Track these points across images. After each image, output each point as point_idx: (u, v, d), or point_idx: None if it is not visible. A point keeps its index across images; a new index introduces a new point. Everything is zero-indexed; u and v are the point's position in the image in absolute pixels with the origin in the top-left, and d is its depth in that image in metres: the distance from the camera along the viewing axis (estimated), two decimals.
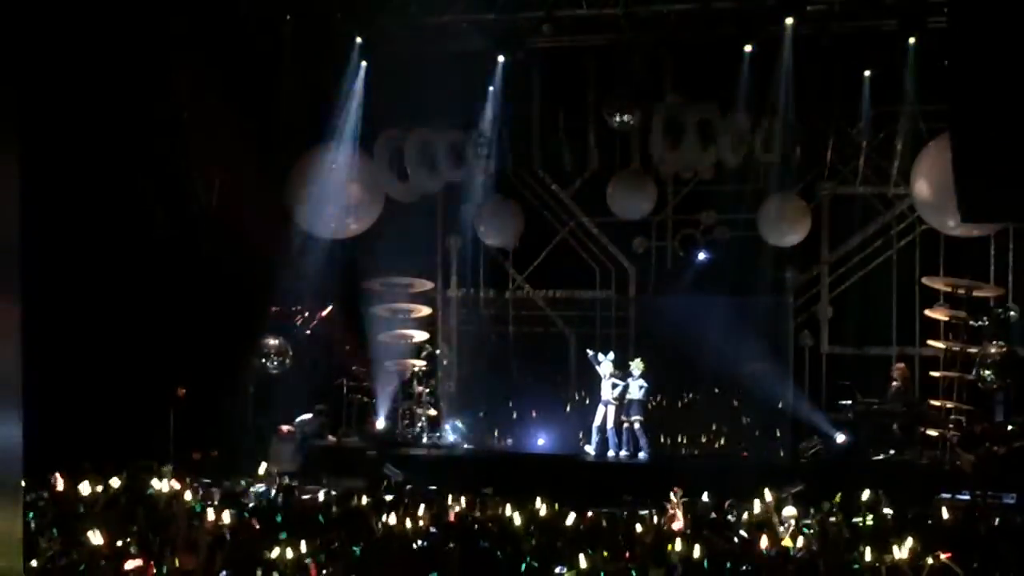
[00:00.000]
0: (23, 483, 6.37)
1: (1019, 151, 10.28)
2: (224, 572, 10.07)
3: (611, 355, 19.65)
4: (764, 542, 11.65)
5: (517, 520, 12.97)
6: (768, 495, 14.29)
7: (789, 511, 13.69)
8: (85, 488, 13.95)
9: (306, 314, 21.33)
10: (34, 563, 9.96)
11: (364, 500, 14.71)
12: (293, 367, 20.90)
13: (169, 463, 16.71)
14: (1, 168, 6.18)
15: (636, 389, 19.35)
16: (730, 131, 19.43)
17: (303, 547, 10.84)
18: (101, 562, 10.21)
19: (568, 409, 20.74)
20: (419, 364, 21.61)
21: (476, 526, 12.85)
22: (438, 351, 22.37)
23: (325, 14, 20.06)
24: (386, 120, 20.59)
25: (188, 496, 14.51)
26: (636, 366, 19.44)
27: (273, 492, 15.54)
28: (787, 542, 11.91)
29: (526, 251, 22.35)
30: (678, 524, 13.16)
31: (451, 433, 21.18)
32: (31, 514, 11.80)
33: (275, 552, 10.64)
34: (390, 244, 20.98)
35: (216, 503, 14.14)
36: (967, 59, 10.60)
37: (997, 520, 14.02)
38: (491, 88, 20.43)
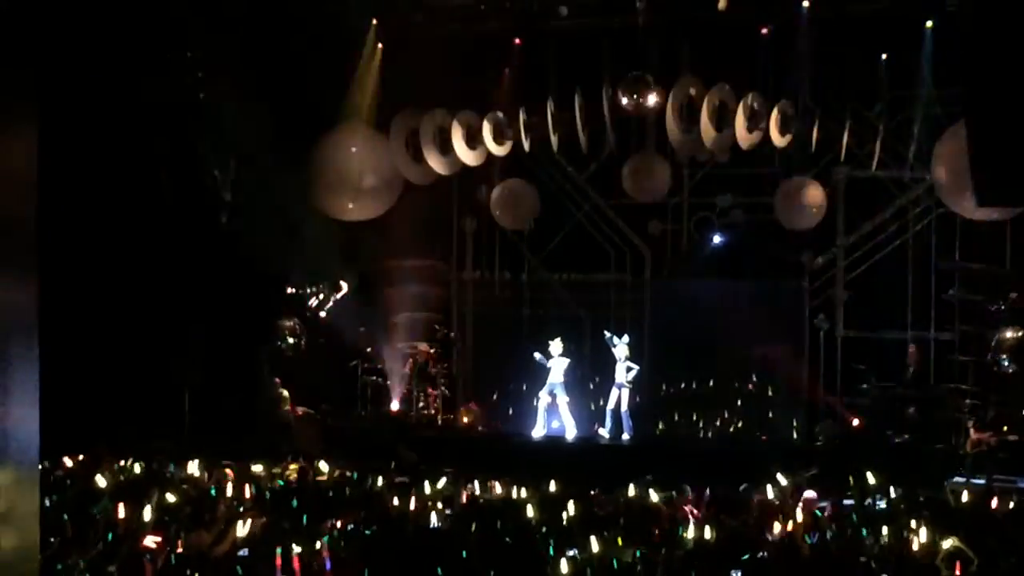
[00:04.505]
0: (40, 464, 6.38)
1: None
2: (242, 551, 10.10)
3: (626, 338, 19.65)
4: (778, 526, 11.65)
5: (530, 503, 12.97)
6: (783, 479, 14.29)
7: (809, 495, 13.67)
8: (102, 470, 13.99)
9: (321, 296, 21.37)
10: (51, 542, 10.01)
11: (379, 482, 14.74)
12: (308, 348, 20.98)
13: (181, 444, 16.82)
14: (20, 150, 6.19)
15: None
16: (746, 114, 19.37)
17: (318, 529, 10.88)
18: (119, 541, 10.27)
19: (592, 391, 20.74)
20: (434, 346, 21.66)
21: (489, 509, 12.86)
22: (452, 333, 22.41)
23: None
24: (402, 101, 20.59)
25: (203, 477, 14.55)
26: (555, 347, 19.59)
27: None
28: (801, 526, 11.90)
29: (541, 234, 22.37)
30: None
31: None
32: (48, 496, 11.83)
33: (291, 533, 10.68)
34: (405, 226, 21.02)
35: (231, 484, 14.18)
36: (982, 42, 10.56)
37: (1012, 504, 14.00)
38: (507, 70, 20.43)
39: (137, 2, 17.46)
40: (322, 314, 21.41)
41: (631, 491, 13.69)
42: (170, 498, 12.57)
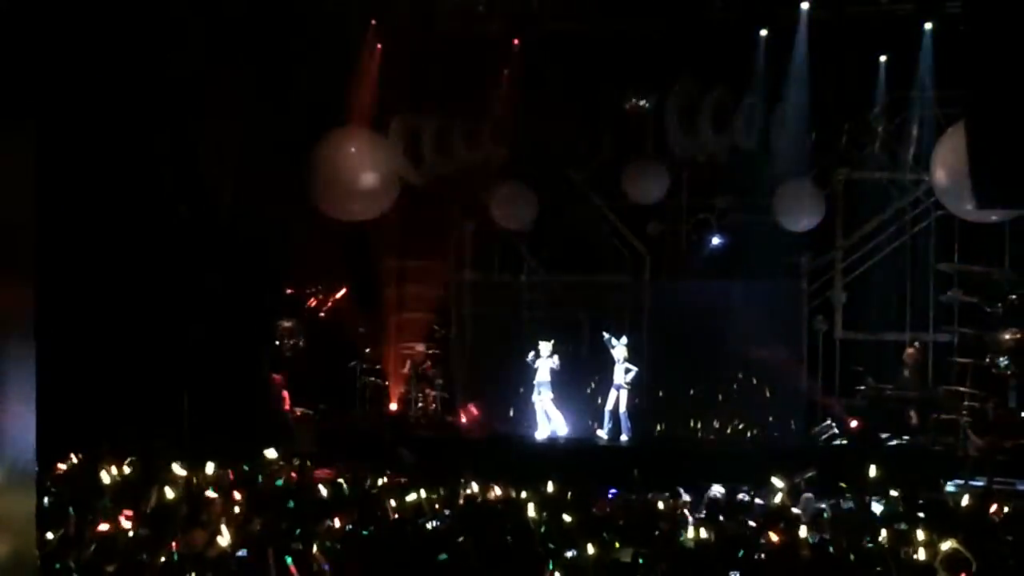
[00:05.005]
0: (39, 464, 6.38)
1: None
2: (241, 552, 10.09)
3: (624, 339, 19.67)
4: (776, 528, 11.64)
5: (529, 505, 12.98)
6: (782, 482, 14.29)
7: (806, 497, 13.68)
8: (103, 469, 14.00)
9: (320, 297, 21.36)
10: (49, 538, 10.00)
11: (377, 482, 14.74)
12: (306, 349, 20.98)
13: (180, 444, 16.82)
14: (19, 149, 6.19)
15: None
16: (745, 116, 19.37)
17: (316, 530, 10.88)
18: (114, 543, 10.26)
19: (591, 392, 20.75)
20: (432, 347, 21.66)
21: (488, 510, 12.86)
22: (451, 334, 22.40)
23: None
24: (401, 104, 20.58)
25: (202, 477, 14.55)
26: (544, 347, 19.68)
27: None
28: (800, 527, 11.89)
29: (540, 235, 22.35)
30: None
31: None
32: (46, 496, 11.83)
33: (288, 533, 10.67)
34: (404, 227, 21.01)
35: (229, 484, 14.17)
36: (983, 44, 10.56)
37: (1010, 507, 13.99)
38: (505, 72, 20.43)
39: (137, 2, 17.46)
40: (321, 314, 21.40)
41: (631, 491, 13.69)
42: (168, 497, 12.60)
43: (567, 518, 12.15)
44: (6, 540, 5.83)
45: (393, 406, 21.21)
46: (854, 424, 19.31)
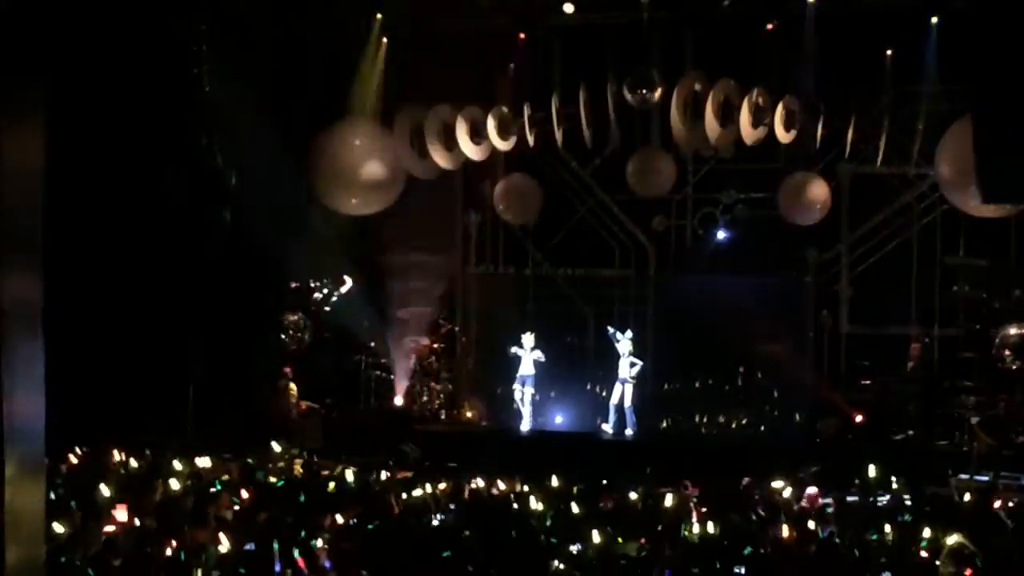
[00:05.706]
0: (46, 458, 6.38)
1: None
2: (248, 546, 10.09)
3: (629, 333, 19.66)
4: (781, 523, 11.64)
5: (534, 498, 12.98)
6: (786, 476, 14.30)
7: (811, 491, 13.68)
8: (108, 464, 14.03)
9: (325, 290, 21.36)
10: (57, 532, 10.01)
11: (382, 476, 14.75)
12: (312, 343, 20.99)
13: (185, 439, 16.85)
14: (26, 144, 6.19)
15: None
16: (751, 109, 19.34)
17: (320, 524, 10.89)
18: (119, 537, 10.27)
19: (596, 386, 20.74)
20: (437, 341, 21.66)
21: (493, 504, 12.87)
22: (456, 328, 22.41)
23: None
24: (406, 96, 20.57)
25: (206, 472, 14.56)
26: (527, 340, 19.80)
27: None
28: (804, 522, 11.89)
29: (546, 229, 22.34)
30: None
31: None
32: (54, 489, 11.83)
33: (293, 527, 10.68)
34: (410, 220, 21.00)
35: (234, 479, 14.18)
36: (990, 40, 10.56)
37: (1015, 501, 13.98)
38: (511, 65, 20.41)
39: None
40: (326, 309, 21.40)
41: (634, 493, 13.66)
42: (173, 490, 12.61)
43: (573, 511, 12.16)
44: (15, 533, 5.82)
45: (398, 400, 21.22)
46: (859, 419, 19.30)
